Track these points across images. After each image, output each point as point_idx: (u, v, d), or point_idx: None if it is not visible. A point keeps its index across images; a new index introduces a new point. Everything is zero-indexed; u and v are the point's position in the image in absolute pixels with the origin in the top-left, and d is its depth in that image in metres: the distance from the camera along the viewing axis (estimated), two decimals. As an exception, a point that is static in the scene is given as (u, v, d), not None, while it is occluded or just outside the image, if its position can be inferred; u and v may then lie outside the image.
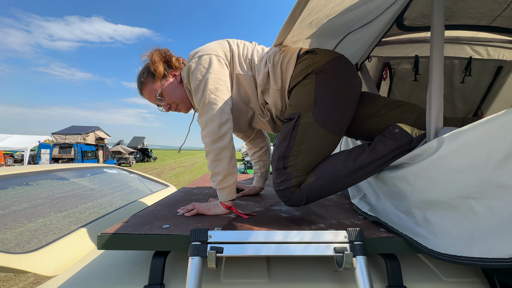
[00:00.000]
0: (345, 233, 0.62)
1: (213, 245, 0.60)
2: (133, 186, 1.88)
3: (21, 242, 1.05)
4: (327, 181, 0.83)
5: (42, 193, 1.62)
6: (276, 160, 0.87)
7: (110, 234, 0.65)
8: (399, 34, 1.49)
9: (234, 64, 0.96)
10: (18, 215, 1.33)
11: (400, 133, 0.83)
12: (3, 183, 1.27)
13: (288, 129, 0.85)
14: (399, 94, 1.73)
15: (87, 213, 1.36)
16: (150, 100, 1.04)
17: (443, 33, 0.81)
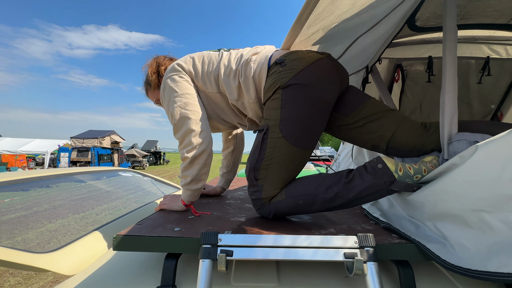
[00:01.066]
0: (355, 239, 0.61)
1: (223, 248, 0.61)
2: (147, 189, 1.93)
3: (41, 241, 1.10)
4: (295, 202, 0.80)
5: (61, 195, 1.69)
6: (248, 171, 0.87)
7: (125, 235, 0.67)
8: (411, 35, 1.46)
9: (198, 82, 0.99)
10: (39, 216, 1.40)
11: (381, 170, 0.74)
12: (26, 185, 1.35)
13: (258, 141, 0.85)
14: (412, 96, 1.69)
15: (102, 215, 1.41)
16: (150, 96, 1.17)
17: (456, 33, 0.80)
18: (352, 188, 0.75)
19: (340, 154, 1.86)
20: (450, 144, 0.73)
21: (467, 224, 0.56)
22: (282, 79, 0.81)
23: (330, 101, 0.84)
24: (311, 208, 0.80)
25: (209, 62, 0.98)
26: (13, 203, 1.43)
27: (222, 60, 0.96)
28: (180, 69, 0.98)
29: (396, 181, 0.72)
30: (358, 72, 1.35)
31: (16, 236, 1.16)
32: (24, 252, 0.74)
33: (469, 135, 0.68)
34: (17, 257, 0.71)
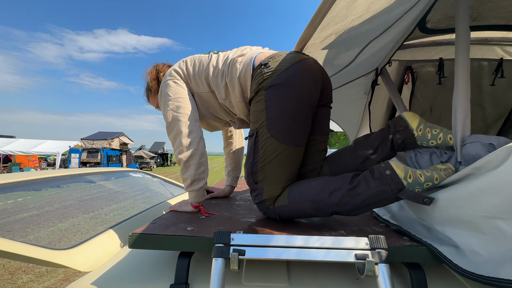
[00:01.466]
0: (366, 240, 0.62)
1: (235, 247, 0.62)
2: (157, 189, 1.97)
3: (52, 240, 1.13)
4: (299, 208, 0.80)
5: (72, 195, 1.74)
6: (247, 177, 0.90)
7: (140, 234, 0.69)
8: (422, 37, 1.45)
9: (191, 83, 1.05)
10: (50, 215, 1.44)
11: (389, 177, 0.71)
12: (38, 185, 1.39)
13: (250, 145, 0.88)
14: (422, 98, 1.68)
15: (111, 215, 1.44)
16: (151, 102, 1.21)
17: (468, 34, 0.79)
18: (356, 196, 0.73)
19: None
20: (464, 146, 0.72)
21: (480, 231, 0.55)
22: (265, 80, 0.84)
23: (313, 98, 0.85)
24: (317, 213, 0.80)
25: (200, 64, 1.03)
26: (26, 203, 1.48)
27: (211, 62, 1.00)
28: (175, 75, 1.04)
29: (404, 189, 0.70)
30: (367, 75, 1.35)
31: (28, 234, 1.20)
32: (44, 248, 0.77)
33: (484, 137, 0.67)
34: (38, 253, 0.74)
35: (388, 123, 0.92)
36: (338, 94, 1.41)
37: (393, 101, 1.19)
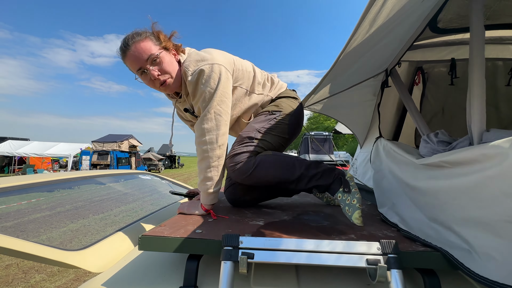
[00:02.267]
0: (378, 245, 0.60)
1: (244, 250, 0.61)
2: (165, 192, 1.99)
3: (64, 240, 1.15)
4: (279, 159, 1.00)
5: (83, 196, 1.78)
6: (251, 131, 1.07)
7: (150, 236, 0.70)
8: (433, 37, 1.42)
9: (233, 77, 1.06)
10: (62, 216, 1.48)
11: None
12: (51, 187, 1.43)
13: (268, 117, 1.11)
14: (433, 99, 1.64)
15: (120, 216, 1.46)
16: (139, 57, 0.93)
17: (483, 33, 0.77)
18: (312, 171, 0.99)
19: (357, 158, 1.83)
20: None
21: (497, 234, 0.53)
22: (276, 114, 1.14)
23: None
24: (293, 172, 0.99)
25: (238, 60, 1.11)
26: (39, 203, 1.51)
27: (254, 69, 1.16)
28: (228, 67, 1.00)
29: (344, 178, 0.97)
30: (376, 76, 1.33)
31: (41, 234, 1.23)
32: (57, 249, 0.78)
33: (504, 132, 0.65)
34: (51, 253, 0.75)
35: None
36: (347, 96, 1.39)
37: (403, 102, 1.16)
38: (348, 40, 0.64)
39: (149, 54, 0.94)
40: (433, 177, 0.75)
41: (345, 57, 0.80)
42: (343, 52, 0.70)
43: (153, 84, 0.99)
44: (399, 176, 0.95)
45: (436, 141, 0.85)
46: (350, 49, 0.74)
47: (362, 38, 0.69)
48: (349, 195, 0.93)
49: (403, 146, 1.01)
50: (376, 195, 1.10)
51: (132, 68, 0.98)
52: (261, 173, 0.98)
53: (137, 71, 0.97)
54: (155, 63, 0.95)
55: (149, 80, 0.98)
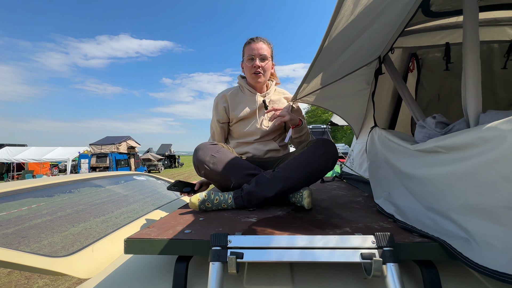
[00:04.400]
0: (372, 238, 0.58)
1: (233, 250, 0.59)
2: (161, 191, 1.96)
3: (66, 245, 1.13)
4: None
5: (83, 199, 1.75)
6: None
7: (135, 239, 0.67)
8: (426, 21, 1.38)
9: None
10: (63, 220, 1.45)
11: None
12: (50, 191, 1.40)
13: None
14: (429, 85, 1.60)
15: (112, 219, 1.44)
16: (263, 48, 1.32)
17: (476, 14, 0.74)
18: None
19: (353, 150, 1.80)
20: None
21: (497, 221, 0.51)
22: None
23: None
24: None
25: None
26: (40, 209, 1.50)
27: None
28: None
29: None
30: (369, 64, 1.29)
31: (43, 239, 1.21)
32: (41, 256, 0.75)
33: (502, 113, 0.62)
34: (36, 261, 0.73)
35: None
36: (340, 87, 1.35)
37: (397, 89, 1.13)
38: (330, 21, 0.60)
39: (269, 53, 1.36)
40: (429, 164, 0.72)
41: (332, 43, 0.76)
42: (328, 35, 0.67)
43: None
44: (394, 164, 0.92)
45: (435, 122, 0.81)
46: (336, 34, 0.70)
47: (347, 20, 0.65)
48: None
49: (398, 133, 0.98)
50: (372, 185, 1.08)
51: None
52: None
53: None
54: (266, 59, 1.34)
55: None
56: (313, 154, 1.04)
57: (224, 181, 1.09)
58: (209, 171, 1.07)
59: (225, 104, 1.38)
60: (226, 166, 1.06)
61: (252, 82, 1.35)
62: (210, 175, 1.09)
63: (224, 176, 1.07)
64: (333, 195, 1.30)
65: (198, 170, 1.10)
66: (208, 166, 1.06)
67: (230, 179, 1.07)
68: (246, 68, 1.34)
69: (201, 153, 1.08)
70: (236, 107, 1.36)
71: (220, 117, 1.39)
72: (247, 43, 1.33)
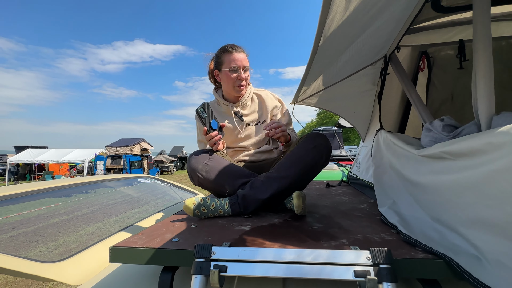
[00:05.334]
0: (368, 254, 0.52)
1: (216, 262, 0.55)
2: (164, 195, 1.96)
3: (80, 244, 1.14)
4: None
5: (98, 200, 1.79)
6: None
7: (121, 247, 0.65)
8: (437, 17, 1.30)
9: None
10: (78, 220, 1.48)
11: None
12: (67, 191, 1.46)
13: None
14: (441, 85, 1.51)
15: (109, 224, 1.44)
16: (246, 60, 1.25)
17: (488, 7, 0.67)
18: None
19: (359, 153, 1.72)
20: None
21: (510, 237, 0.44)
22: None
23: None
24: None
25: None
26: (58, 208, 1.55)
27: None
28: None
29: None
30: (375, 63, 1.22)
31: (59, 238, 1.23)
32: (33, 261, 0.75)
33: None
34: (25, 266, 0.72)
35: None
36: (344, 87, 1.30)
37: (404, 89, 1.06)
38: (320, 18, 0.56)
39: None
40: (435, 171, 0.66)
41: (329, 41, 0.72)
42: (322, 33, 0.62)
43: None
44: (399, 170, 0.86)
45: (442, 125, 0.75)
46: (332, 31, 0.65)
47: (341, 16, 0.61)
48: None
49: (403, 137, 0.91)
50: (376, 192, 1.01)
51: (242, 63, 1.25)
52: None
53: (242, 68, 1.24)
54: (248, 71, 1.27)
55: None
56: (304, 149, 0.99)
57: (219, 189, 1.06)
58: (203, 180, 1.04)
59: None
60: (219, 173, 1.03)
61: (235, 94, 1.28)
62: (204, 183, 1.06)
63: (218, 184, 1.04)
64: (336, 201, 1.24)
65: (192, 179, 1.08)
66: (201, 174, 1.03)
67: (225, 187, 1.04)
68: (227, 78, 1.24)
69: (194, 161, 1.05)
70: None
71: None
72: (228, 51, 1.24)
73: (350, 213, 0.98)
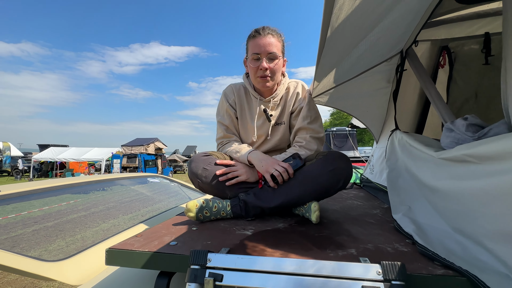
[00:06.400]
0: (378, 268, 0.47)
1: (212, 270, 0.52)
2: (172, 194, 1.96)
3: (96, 239, 1.16)
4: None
5: (114, 198, 1.83)
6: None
7: (117, 250, 0.63)
8: (459, 9, 1.20)
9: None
10: (95, 216, 1.52)
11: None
12: (86, 188, 1.55)
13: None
14: (464, 83, 1.40)
15: (137, 220, 1.45)
16: (272, 45, 1.05)
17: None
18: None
19: (373, 155, 1.64)
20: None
21: None
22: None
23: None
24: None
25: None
26: (76, 205, 1.62)
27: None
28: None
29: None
30: (390, 59, 1.15)
31: (76, 234, 1.26)
32: (33, 259, 0.75)
33: None
34: (25, 264, 0.72)
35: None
36: (356, 85, 1.23)
37: (422, 87, 0.98)
38: (324, 9, 0.51)
39: (279, 48, 1.08)
40: (456, 176, 0.59)
41: (338, 34, 0.66)
42: (329, 25, 0.57)
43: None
44: (416, 174, 0.79)
45: (466, 124, 0.67)
46: (340, 23, 0.60)
47: (350, 6, 0.55)
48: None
49: (420, 138, 0.84)
50: (390, 198, 0.94)
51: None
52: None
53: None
54: (275, 58, 1.07)
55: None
56: (320, 170, 0.90)
57: (220, 194, 1.02)
58: (203, 185, 1.00)
59: (233, 110, 1.21)
60: (219, 179, 0.99)
61: (258, 86, 1.13)
62: (205, 188, 1.01)
63: (219, 190, 1.00)
64: (346, 205, 1.17)
65: (193, 183, 1.04)
66: (201, 179, 0.99)
67: (225, 192, 1.00)
68: (250, 69, 1.09)
69: (194, 166, 1.01)
70: (240, 114, 1.21)
71: (228, 123, 1.20)
72: (252, 36, 1.07)
73: (361, 219, 0.91)
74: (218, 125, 1.23)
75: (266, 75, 1.06)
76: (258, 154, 1.04)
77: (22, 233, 1.26)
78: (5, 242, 1.11)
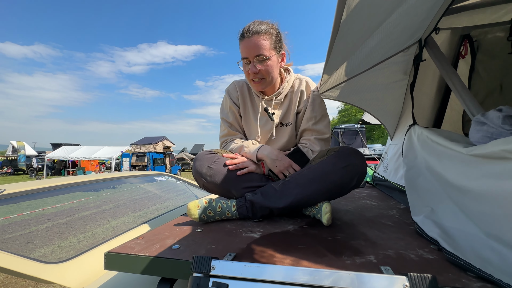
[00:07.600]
0: (405, 281, 0.41)
1: (216, 279, 0.47)
2: (178, 193, 1.93)
3: (106, 237, 1.15)
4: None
5: (124, 195, 1.84)
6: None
7: (116, 253, 0.59)
8: (484, -7, 1.11)
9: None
10: (106, 214, 1.52)
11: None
12: (96, 185, 1.57)
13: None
14: (487, 74, 1.30)
15: (139, 220, 1.43)
16: (258, 46, 0.97)
17: None
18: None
19: (387, 152, 1.55)
20: None
21: None
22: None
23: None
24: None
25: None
26: (87, 202, 1.63)
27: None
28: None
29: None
30: (407, 49, 1.07)
31: (88, 231, 1.26)
32: (33, 261, 0.72)
33: None
34: (25, 266, 0.69)
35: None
36: (370, 77, 1.15)
37: (445, 78, 0.90)
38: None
39: (263, 49, 0.98)
40: (492, 175, 0.51)
41: (352, 21, 0.60)
42: (343, 10, 0.51)
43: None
44: (440, 173, 0.71)
45: (502, 116, 0.60)
46: (353, 8, 0.54)
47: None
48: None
49: (444, 133, 0.76)
50: (409, 197, 0.87)
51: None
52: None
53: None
54: (263, 60, 1.00)
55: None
56: (333, 166, 0.84)
57: (225, 194, 0.98)
58: (208, 184, 0.96)
59: (237, 107, 1.16)
60: (225, 178, 0.94)
61: (253, 89, 1.10)
62: (209, 187, 0.97)
63: (224, 189, 0.95)
64: (360, 205, 1.11)
65: (197, 182, 1.00)
66: (205, 178, 0.95)
67: (231, 191, 0.95)
68: (244, 72, 1.05)
69: (198, 164, 0.96)
70: (244, 112, 1.16)
71: (231, 120, 1.16)
72: (239, 38, 1.01)
73: (378, 221, 0.85)
74: (222, 122, 1.19)
75: (255, 79, 1.02)
76: (268, 150, 1.00)
77: (36, 229, 1.27)
78: (20, 238, 1.11)
